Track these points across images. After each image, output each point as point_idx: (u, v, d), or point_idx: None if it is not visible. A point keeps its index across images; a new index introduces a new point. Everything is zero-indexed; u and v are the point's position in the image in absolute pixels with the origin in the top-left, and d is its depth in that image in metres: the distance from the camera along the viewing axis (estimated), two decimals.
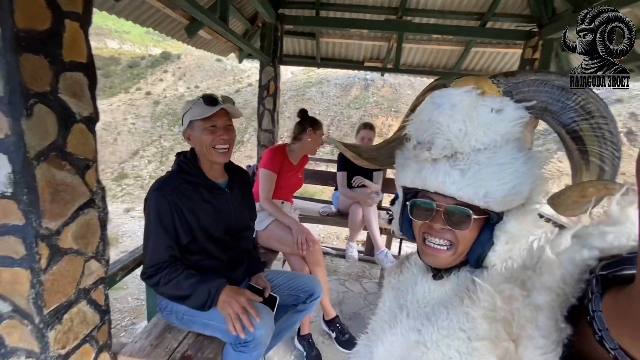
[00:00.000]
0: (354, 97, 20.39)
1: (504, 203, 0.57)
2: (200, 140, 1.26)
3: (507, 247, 0.58)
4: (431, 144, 0.58)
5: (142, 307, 3.21)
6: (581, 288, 0.32)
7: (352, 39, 3.85)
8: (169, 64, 27.78)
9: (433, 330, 0.59)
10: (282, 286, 1.55)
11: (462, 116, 0.56)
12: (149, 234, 1.23)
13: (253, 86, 24.59)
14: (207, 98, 1.25)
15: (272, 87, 3.42)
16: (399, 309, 0.69)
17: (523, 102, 0.56)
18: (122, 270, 1.29)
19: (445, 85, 0.61)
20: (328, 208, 3.04)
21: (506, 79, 0.57)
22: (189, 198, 1.26)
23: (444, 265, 0.63)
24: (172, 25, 2.84)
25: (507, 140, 0.57)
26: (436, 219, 0.60)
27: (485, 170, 0.55)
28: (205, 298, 1.18)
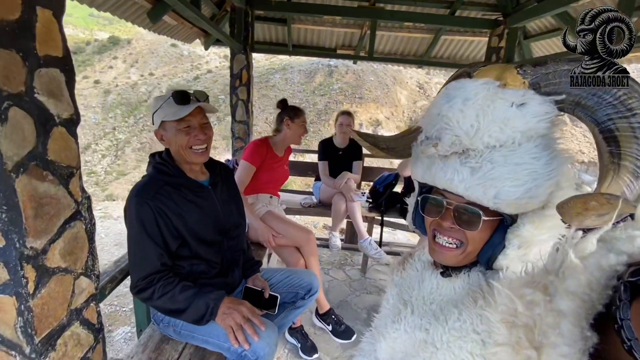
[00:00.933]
0: (318, 83, 20.22)
1: (516, 206, 0.53)
2: (175, 142, 1.17)
3: (520, 252, 0.55)
4: (438, 139, 0.54)
5: (117, 314, 3.03)
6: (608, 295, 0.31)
7: (324, 25, 3.77)
8: (118, 49, 25.65)
9: (443, 330, 0.57)
10: (279, 284, 1.52)
11: (475, 111, 0.52)
12: (134, 245, 1.14)
13: (213, 73, 23.51)
14: (177, 96, 1.13)
15: (244, 76, 3.28)
16: (402, 305, 0.68)
17: (552, 95, 0.51)
18: (110, 283, 1.19)
19: (469, 74, 0.57)
20: (309, 199, 3.02)
21: (534, 68, 0.52)
22: (172, 201, 1.17)
23: (452, 263, 0.61)
24: (132, 10, 2.59)
25: (529, 138, 0.51)
26: (446, 216, 0.59)
27: (499, 170, 0.52)
28: (203, 312, 1.12)
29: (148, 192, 1.14)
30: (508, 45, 3.26)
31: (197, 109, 1.16)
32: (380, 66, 20.24)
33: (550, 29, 3.33)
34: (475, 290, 0.57)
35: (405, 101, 19.62)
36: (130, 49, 25.75)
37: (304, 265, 1.95)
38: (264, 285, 1.43)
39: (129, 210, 1.14)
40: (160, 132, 1.20)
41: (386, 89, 19.56)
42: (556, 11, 2.63)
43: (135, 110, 20.61)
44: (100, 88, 21.72)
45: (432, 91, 20.25)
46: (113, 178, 17.09)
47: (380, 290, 2.80)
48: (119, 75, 23.65)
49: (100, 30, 29.78)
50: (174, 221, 1.16)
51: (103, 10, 2.38)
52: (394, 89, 19.76)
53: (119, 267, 1.26)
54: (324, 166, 2.87)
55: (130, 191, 1.17)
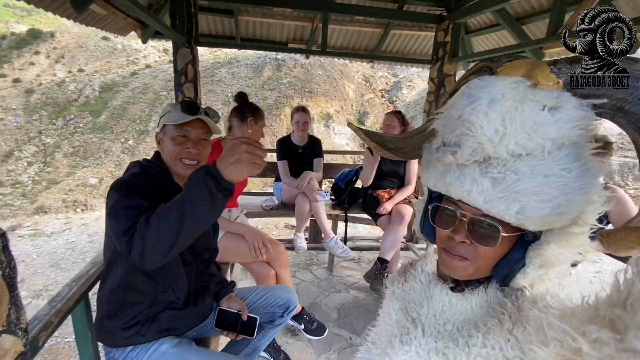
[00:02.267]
0: (266, 77, 19.75)
1: (542, 223, 0.47)
2: (167, 148, 1.15)
3: (541, 272, 0.50)
4: (457, 146, 0.48)
5: (58, 346, 2.67)
6: None
7: (274, 18, 3.61)
8: (40, 43, 22.64)
9: (467, 358, 0.51)
10: (255, 304, 1.41)
11: (501, 114, 0.45)
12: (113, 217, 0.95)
13: (152, 68, 21.85)
14: (185, 104, 1.15)
15: (190, 71, 3.02)
16: (411, 324, 0.62)
17: (589, 98, 0.45)
18: (44, 331, 0.98)
19: (492, 69, 0.50)
20: (271, 201, 2.90)
21: (570, 66, 0.46)
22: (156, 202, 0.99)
23: (461, 276, 0.56)
24: None
25: (560, 146, 0.45)
26: (459, 229, 0.52)
27: (525, 182, 0.45)
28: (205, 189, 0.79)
29: (135, 182, 1.05)
30: (453, 40, 3.39)
31: (199, 123, 1.16)
32: (328, 60, 20.31)
33: (489, 25, 3.52)
34: (498, 311, 0.51)
35: (353, 95, 19.97)
36: (55, 43, 22.87)
37: (274, 277, 1.85)
38: (240, 306, 1.31)
39: (110, 193, 1.02)
40: (160, 135, 1.20)
41: (334, 83, 19.73)
42: (494, 8, 2.77)
43: (65, 110, 18.46)
44: (20, 87, 19.05)
45: (377, 84, 20.84)
46: (43, 188, 15.21)
47: (349, 287, 2.80)
48: (43, 72, 20.93)
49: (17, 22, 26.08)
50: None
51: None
52: (342, 82, 20.00)
53: (55, 307, 1.05)
54: (284, 166, 2.77)
55: (111, 184, 1.05)
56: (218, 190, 0.79)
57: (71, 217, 6.09)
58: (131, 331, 1.10)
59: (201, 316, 1.28)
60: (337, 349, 2.09)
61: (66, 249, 4.45)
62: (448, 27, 3.39)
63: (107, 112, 19.01)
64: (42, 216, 7.42)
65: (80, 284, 1.19)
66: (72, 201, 14.26)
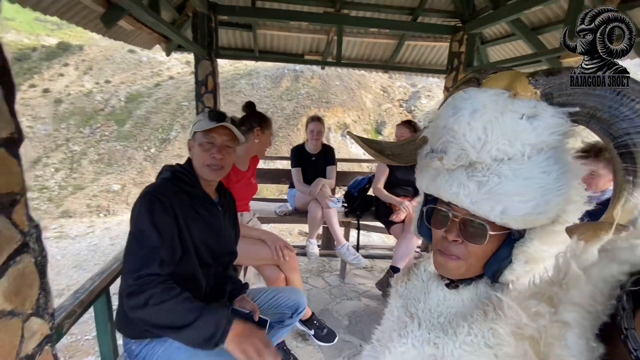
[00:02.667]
0: (285, 88, 20.14)
1: (524, 222, 0.51)
2: (196, 155, 1.23)
3: (527, 268, 0.54)
4: (444, 153, 0.53)
5: (77, 344, 2.77)
6: (612, 305, 0.31)
7: (290, 31, 3.73)
8: (69, 56, 23.99)
9: (454, 345, 0.55)
10: (265, 305, 1.45)
11: (482, 123, 0.49)
12: (136, 238, 1.03)
13: (175, 79, 22.68)
14: (212, 112, 1.24)
15: (210, 83, 3.16)
16: (409, 318, 0.66)
17: (565, 106, 0.48)
18: (68, 319, 1.06)
19: (478, 80, 0.54)
20: (285, 207, 2.95)
21: (546, 78, 0.49)
22: (184, 207, 1.15)
23: (454, 275, 0.60)
24: (83, 14, 2.41)
25: (540, 151, 0.49)
26: (451, 229, 0.57)
27: (507, 184, 0.49)
28: (212, 330, 0.93)
29: (164, 191, 1.12)
30: (467, 50, 3.41)
31: (225, 130, 1.22)
32: (345, 71, 20.53)
33: (504, 35, 3.52)
34: (484, 303, 0.55)
35: (370, 105, 20.04)
36: (83, 56, 24.19)
37: (284, 280, 1.88)
38: (252, 307, 1.35)
39: (138, 205, 1.08)
40: (191, 142, 1.26)
41: (352, 93, 19.88)
42: (509, 18, 2.78)
43: (91, 119, 19.36)
44: (50, 97, 20.16)
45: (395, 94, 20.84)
46: (69, 193, 15.89)
47: (360, 295, 2.79)
48: (71, 83, 22.11)
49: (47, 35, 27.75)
50: (182, 229, 1.13)
51: (50, 14, 2.18)
52: (359, 93, 20.14)
53: (78, 299, 1.13)
54: (297, 173, 2.82)
55: (143, 190, 1.13)
56: (215, 343, 0.95)
57: (94, 221, 6.34)
58: None
59: None
60: (347, 356, 2.09)
61: (89, 251, 4.63)
62: (462, 38, 3.41)
63: (131, 121, 19.81)
64: (67, 220, 7.75)
65: (102, 277, 1.27)
66: (96, 206, 14.81)
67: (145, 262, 1.00)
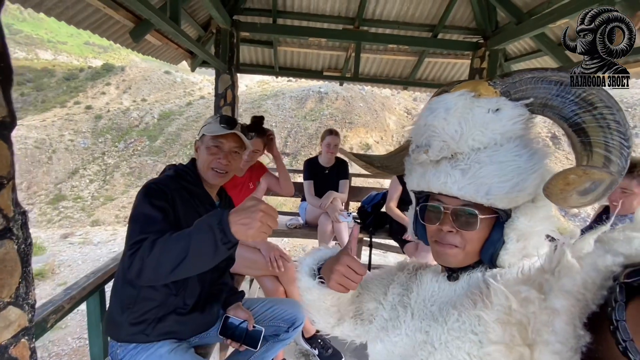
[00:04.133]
0: (309, 109, 20.58)
1: (508, 200, 0.57)
2: (202, 157, 1.22)
3: (519, 245, 0.58)
4: (428, 146, 0.59)
5: (85, 349, 2.78)
6: (603, 295, 0.32)
7: (310, 48, 3.81)
8: (111, 76, 25.97)
9: (442, 330, 0.59)
10: (261, 316, 1.38)
11: (457, 118, 0.57)
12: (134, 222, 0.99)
13: (206, 99, 23.83)
14: (224, 118, 1.23)
15: (229, 95, 3.24)
16: (402, 308, 0.69)
17: (521, 100, 0.57)
18: (54, 314, 1.04)
19: (446, 91, 0.62)
20: (295, 220, 2.90)
21: (502, 79, 0.58)
22: (184, 204, 1.13)
23: (455, 264, 0.63)
24: (114, 29, 2.57)
25: (509, 138, 0.57)
26: (445, 221, 0.61)
27: (486, 169, 0.56)
28: (211, 236, 0.80)
29: (165, 184, 1.11)
30: (490, 67, 3.32)
31: (234, 137, 1.22)
32: (369, 92, 20.78)
33: (529, 51, 3.41)
34: (474, 292, 0.58)
35: (394, 126, 20.01)
36: (124, 76, 26.10)
37: (283, 293, 1.81)
38: (247, 316, 1.29)
39: (139, 195, 1.06)
40: (198, 143, 1.26)
41: (375, 115, 19.98)
42: (533, 33, 2.68)
43: (126, 135, 20.58)
44: (91, 113, 21.73)
45: None
46: (100, 203, 16.73)
47: None
48: (112, 101, 23.80)
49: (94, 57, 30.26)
50: (181, 224, 1.09)
51: (82, 28, 2.34)
52: (382, 114, 20.20)
53: (69, 294, 1.11)
54: (309, 186, 2.79)
55: (145, 184, 1.12)
56: (223, 243, 0.80)
57: (117, 230, 6.55)
58: (137, 328, 1.12)
59: (206, 324, 1.27)
60: None
61: (108, 257, 4.75)
62: (484, 54, 3.33)
63: (162, 137, 20.88)
64: (93, 228, 8.07)
65: (97, 276, 1.25)
66: (124, 217, 15.45)
67: (143, 230, 0.94)
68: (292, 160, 17.50)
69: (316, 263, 0.73)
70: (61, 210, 15.23)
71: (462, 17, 3.41)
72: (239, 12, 3.21)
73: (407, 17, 3.41)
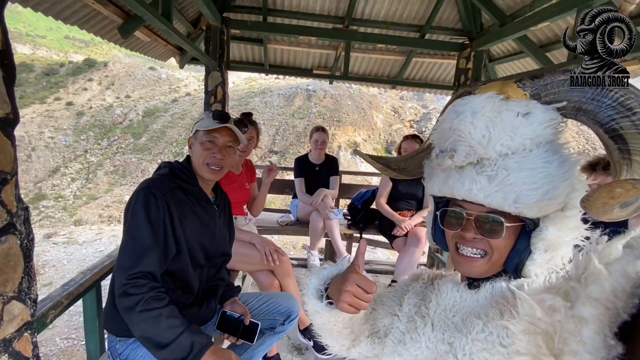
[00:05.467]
0: (297, 107, 20.56)
1: (538, 209, 0.54)
2: (197, 152, 1.22)
3: (547, 256, 0.56)
4: (454, 151, 0.57)
5: (73, 349, 2.74)
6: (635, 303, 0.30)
7: (300, 46, 3.83)
8: (94, 72, 25.24)
9: (466, 341, 0.55)
10: (256, 310, 1.41)
11: (484, 122, 0.54)
12: (132, 236, 1.04)
13: (192, 96, 23.47)
14: (217, 113, 1.24)
15: (219, 93, 3.24)
16: (420, 318, 0.66)
17: (553, 103, 0.54)
18: (53, 310, 1.05)
19: (470, 92, 0.60)
20: (287, 217, 2.94)
21: (532, 81, 0.55)
22: (180, 205, 1.14)
23: (478, 274, 0.61)
24: (102, 24, 2.53)
25: (539, 144, 0.54)
26: (467, 227, 0.58)
27: (515, 175, 0.53)
28: (186, 354, 0.97)
29: (160, 187, 1.11)
30: (475, 67, 3.42)
31: (227, 131, 1.23)
32: (357, 91, 20.89)
33: (512, 53, 3.53)
34: (499, 302, 0.55)
35: (381, 124, 20.21)
36: (107, 72, 25.41)
37: (278, 287, 1.84)
38: (244, 310, 1.32)
39: (135, 200, 1.08)
40: (192, 139, 1.26)
41: (363, 113, 20.12)
42: (516, 35, 2.79)
43: (110, 132, 20.07)
44: (72, 110, 21.09)
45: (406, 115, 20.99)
46: (83, 202, 16.29)
47: None
48: (94, 97, 23.15)
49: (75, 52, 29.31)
50: (176, 227, 1.12)
51: (70, 23, 2.30)
52: (370, 112, 20.36)
53: (67, 290, 1.12)
54: (300, 183, 2.82)
55: (140, 183, 1.13)
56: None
57: (103, 229, 6.42)
58: None
59: (204, 318, 1.29)
60: None
61: (95, 256, 4.67)
62: (470, 55, 3.43)
63: (147, 135, 20.47)
64: (77, 227, 7.88)
65: (94, 272, 1.26)
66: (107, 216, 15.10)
67: (139, 260, 1.01)
68: (280, 158, 17.46)
69: (323, 283, 0.69)
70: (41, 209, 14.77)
71: (448, 18, 3.49)
72: (229, 10, 3.21)
73: (396, 17, 3.47)
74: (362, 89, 20.95)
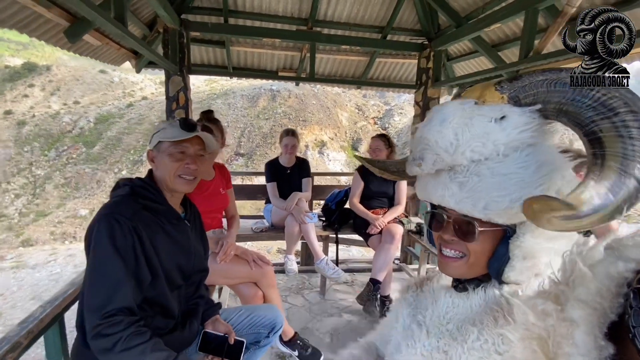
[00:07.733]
0: (262, 108, 20.24)
1: (507, 215, 0.53)
2: (165, 165, 1.12)
3: (527, 263, 0.55)
4: (421, 159, 0.58)
5: None
6: (620, 303, 0.31)
7: (264, 48, 3.76)
8: (35, 76, 23.12)
9: (462, 350, 0.55)
10: (239, 325, 1.36)
11: (452, 129, 0.54)
12: (99, 271, 0.94)
13: (148, 99, 22.31)
14: (183, 121, 1.15)
15: (182, 98, 3.09)
16: (417, 326, 0.67)
17: (532, 105, 0.52)
18: (11, 353, 0.94)
19: (459, 95, 0.60)
20: (261, 223, 2.88)
21: (510, 83, 0.54)
22: (149, 227, 1.04)
23: (458, 275, 0.62)
24: (45, 28, 2.31)
25: (516, 148, 0.53)
26: (446, 229, 0.60)
27: (486, 182, 0.53)
28: None
29: (124, 211, 1.01)
30: (435, 66, 3.56)
31: (197, 139, 1.16)
32: (321, 90, 21.00)
33: (468, 52, 3.72)
34: (494, 309, 0.55)
35: (346, 122, 20.47)
36: (50, 76, 23.39)
37: (262, 298, 1.79)
38: (227, 329, 1.26)
39: (96, 229, 0.97)
40: (153, 152, 1.16)
41: (328, 112, 20.25)
42: (471, 36, 2.94)
43: (58, 142, 18.54)
44: (12, 119, 19.21)
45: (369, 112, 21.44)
46: (30, 220, 14.91)
47: (342, 311, 2.72)
48: (37, 104, 21.22)
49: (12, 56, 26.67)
50: (148, 252, 1.02)
51: (8, 27, 2.08)
52: (335, 111, 20.55)
53: (25, 328, 1.01)
54: (272, 188, 2.78)
55: (100, 210, 1.02)
56: None
57: (57, 248, 5.92)
58: None
59: (186, 341, 1.22)
60: None
61: (50, 280, 4.29)
62: (430, 55, 3.57)
63: (101, 143, 19.12)
64: (27, 248, 7.20)
65: (54, 305, 1.15)
66: (61, 233, 13.94)
67: (111, 297, 0.93)
68: (247, 160, 17.11)
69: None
70: None
71: (408, 19, 3.60)
72: (188, 11, 3.07)
73: (358, 18, 3.52)
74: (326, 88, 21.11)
